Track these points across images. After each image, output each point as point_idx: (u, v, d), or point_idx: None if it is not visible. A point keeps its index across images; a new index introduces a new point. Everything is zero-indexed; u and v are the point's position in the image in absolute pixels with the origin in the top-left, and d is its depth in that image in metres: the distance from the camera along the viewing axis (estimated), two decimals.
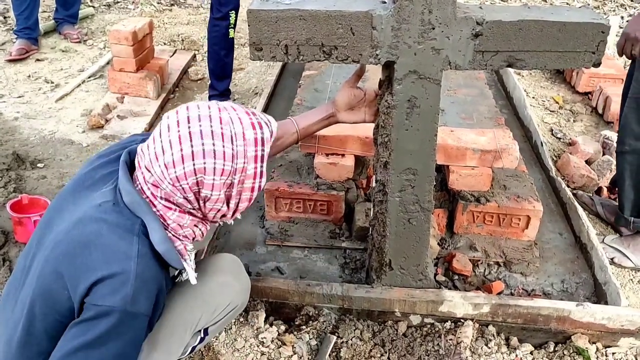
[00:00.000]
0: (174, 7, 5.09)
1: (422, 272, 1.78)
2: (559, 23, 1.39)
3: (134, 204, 1.21)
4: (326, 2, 1.45)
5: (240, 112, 1.23)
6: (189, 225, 1.27)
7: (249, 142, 1.21)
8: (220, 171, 1.18)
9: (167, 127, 1.17)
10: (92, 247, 1.16)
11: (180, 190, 1.19)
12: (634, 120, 2.11)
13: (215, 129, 1.17)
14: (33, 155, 2.86)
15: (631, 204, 2.22)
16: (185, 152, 1.15)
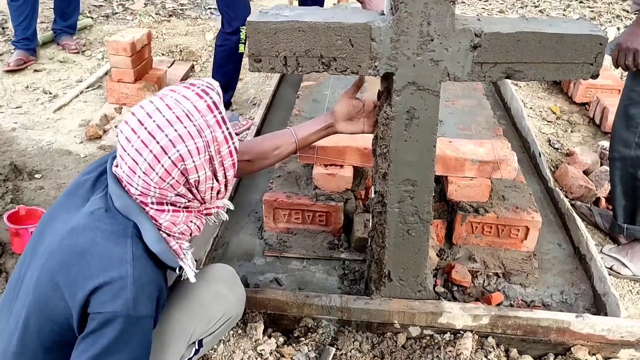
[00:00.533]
0: (172, 18, 5.11)
1: (421, 283, 1.78)
2: (557, 35, 1.40)
3: (126, 207, 1.20)
4: (325, 14, 1.46)
5: (181, 90, 1.22)
6: (184, 221, 1.26)
7: (204, 111, 1.19)
8: (196, 150, 1.16)
9: (127, 139, 1.16)
10: (87, 255, 1.15)
11: (170, 188, 1.18)
12: (622, 127, 2.13)
13: (168, 116, 1.15)
14: (31, 166, 2.86)
15: (623, 210, 2.22)
16: (156, 151, 1.14)
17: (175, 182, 1.17)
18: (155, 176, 1.15)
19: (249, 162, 1.66)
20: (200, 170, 1.18)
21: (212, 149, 1.19)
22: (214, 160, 1.21)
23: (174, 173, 1.16)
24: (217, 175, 1.24)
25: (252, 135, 2.82)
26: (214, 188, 1.25)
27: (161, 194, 1.19)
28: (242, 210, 2.38)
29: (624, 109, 2.11)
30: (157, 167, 1.14)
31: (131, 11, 5.28)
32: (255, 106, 3.61)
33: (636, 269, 2.21)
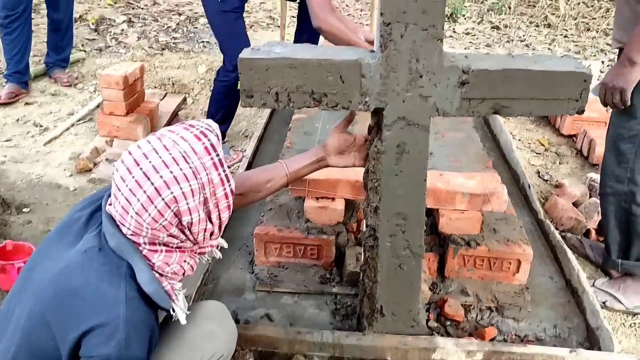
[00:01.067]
0: (165, 51, 5.16)
1: (414, 318, 1.76)
2: (543, 72, 1.43)
3: (120, 246, 1.19)
4: (316, 50, 1.48)
5: (179, 131, 1.22)
6: (177, 261, 1.25)
7: (201, 153, 1.19)
8: (190, 193, 1.16)
9: (121, 178, 1.16)
10: (80, 295, 1.14)
11: (162, 229, 1.17)
12: (613, 162, 2.15)
13: (165, 158, 1.15)
14: (19, 200, 2.84)
15: (617, 245, 2.23)
16: (150, 192, 1.14)
17: (168, 223, 1.17)
18: (148, 217, 1.15)
19: (241, 196, 1.66)
20: (194, 212, 1.18)
21: (207, 191, 1.19)
22: (208, 202, 1.21)
23: (166, 215, 1.15)
24: (211, 217, 1.23)
25: (244, 168, 2.83)
26: (207, 229, 1.25)
27: (153, 235, 1.18)
28: (233, 244, 2.36)
29: (613, 145, 2.13)
30: (150, 208, 1.14)
31: (124, 44, 5.32)
32: (247, 138, 3.63)
33: (629, 303, 2.21)
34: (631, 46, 1.89)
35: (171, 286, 1.27)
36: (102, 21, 5.93)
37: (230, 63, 3.05)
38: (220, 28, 3.05)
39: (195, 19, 6.20)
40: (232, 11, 2.96)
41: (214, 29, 3.11)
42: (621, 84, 1.94)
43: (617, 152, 2.12)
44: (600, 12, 6.50)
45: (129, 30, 5.75)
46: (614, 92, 1.97)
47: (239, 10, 3.00)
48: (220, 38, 3.11)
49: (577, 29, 6.20)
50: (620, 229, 2.20)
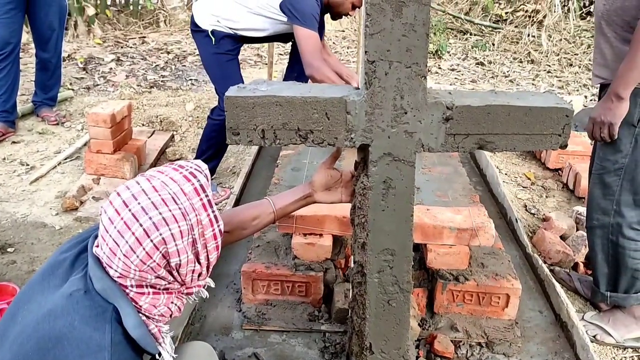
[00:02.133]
0: (153, 89, 5.19)
1: (403, 355, 1.74)
2: (525, 107, 1.45)
3: (106, 290, 1.17)
4: (301, 88, 1.50)
5: (169, 172, 1.22)
6: (164, 303, 1.23)
7: (190, 194, 1.18)
8: (179, 234, 1.15)
9: (109, 220, 1.15)
10: (64, 340, 1.10)
11: (150, 271, 1.16)
12: (599, 196, 2.16)
13: (154, 199, 1.15)
14: (4, 240, 2.80)
15: (605, 278, 2.23)
16: (138, 233, 1.12)
17: (156, 265, 1.15)
18: (136, 259, 1.13)
19: (227, 233, 1.64)
20: (182, 254, 1.17)
21: (196, 232, 1.18)
22: (197, 243, 1.20)
23: (155, 256, 1.14)
24: (199, 258, 1.22)
25: (232, 205, 2.82)
26: (195, 271, 1.23)
27: (141, 277, 1.16)
28: (220, 282, 2.34)
29: (599, 178, 2.15)
30: (139, 250, 1.13)
31: (112, 83, 5.36)
32: (234, 175, 3.62)
33: (619, 336, 2.20)
34: (617, 82, 1.94)
35: (158, 329, 1.24)
36: (90, 60, 5.98)
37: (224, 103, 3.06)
38: (215, 70, 3.07)
39: (184, 57, 6.27)
40: (226, 53, 2.99)
41: (208, 71, 3.14)
42: (609, 118, 1.97)
43: (603, 185, 2.14)
44: (582, 48, 6.67)
45: (117, 68, 5.80)
46: (602, 126, 2.00)
47: (233, 52, 3.03)
48: (214, 80, 3.13)
49: (559, 64, 6.35)
50: (608, 262, 2.20)
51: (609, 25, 2.02)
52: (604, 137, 2.02)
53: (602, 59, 2.08)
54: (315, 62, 2.74)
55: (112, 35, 6.95)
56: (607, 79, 2.05)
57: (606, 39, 2.05)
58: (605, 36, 2.05)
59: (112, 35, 6.95)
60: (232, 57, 3.05)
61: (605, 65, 2.06)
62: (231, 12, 2.91)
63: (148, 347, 1.19)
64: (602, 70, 2.09)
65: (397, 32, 1.36)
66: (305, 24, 2.73)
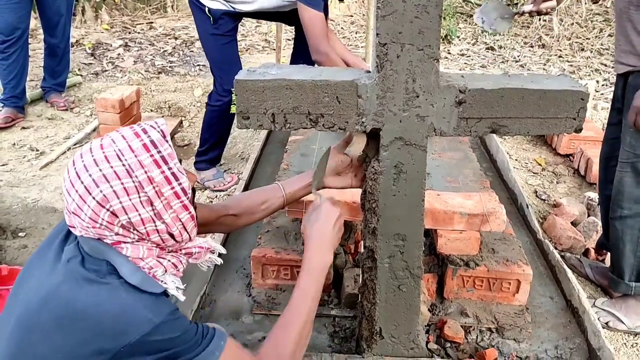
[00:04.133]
0: (161, 75, 5.18)
1: (413, 340, 1.74)
2: (539, 91, 1.43)
3: (93, 248, 1.17)
4: (312, 72, 1.48)
5: (123, 130, 1.20)
6: (149, 255, 1.21)
7: (138, 150, 1.15)
8: (123, 191, 1.12)
9: (64, 180, 1.16)
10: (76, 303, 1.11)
11: (105, 229, 1.14)
12: (632, 184, 2.11)
13: (97, 156, 1.13)
14: (15, 224, 2.81)
15: (631, 268, 2.19)
16: (80, 190, 1.12)
17: (108, 222, 1.13)
18: (85, 216, 1.13)
19: (236, 217, 1.65)
20: (131, 211, 1.14)
21: (148, 190, 1.14)
22: (154, 202, 1.16)
23: (102, 214, 1.12)
24: (163, 218, 1.18)
25: (241, 190, 2.82)
26: (160, 230, 1.19)
27: (99, 233, 1.15)
28: (230, 267, 2.34)
29: (632, 167, 2.09)
30: (85, 207, 1.12)
31: (121, 69, 5.35)
32: (243, 160, 3.62)
33: (631, 323, 2.19)
34: None
35: (152, 275, 1.21)
36: (98, 46, 5.98)
37: (221, 87, 3.02)
38: (213, 51, 3.03)
39: (191, 42, 6.25)
40: (224, 35, 2.94)
41: (206, 52, 3.10)
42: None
43: (637, 174, 2.08)
44: (594, 33, 6.58)
45: (125, 54, 5.79)
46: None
47: (231, 33, 2.99)
48: (212, 61, 3.10)
49: (571, 49, 6.27)
50: (636, 252, 2.16)
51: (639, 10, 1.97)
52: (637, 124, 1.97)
53: (629, 46, 2.03)
54: (322, 47, 2.69)
55: (119, 21, 6.94)
56: (636, 65, 2.00)
57: (633, 25, 1.99)
58: (633, 22, 1.99)
59: (119, 21, 6.94)
60: (231, 39, 2.99)
61: (633, 52, 2.01)
62: None
63: (151, 288, 1.18)
64: (629, 57, 2.03)
65: (410, 14, 1.34)
66: (310, 3, 2.66)
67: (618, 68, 2.11)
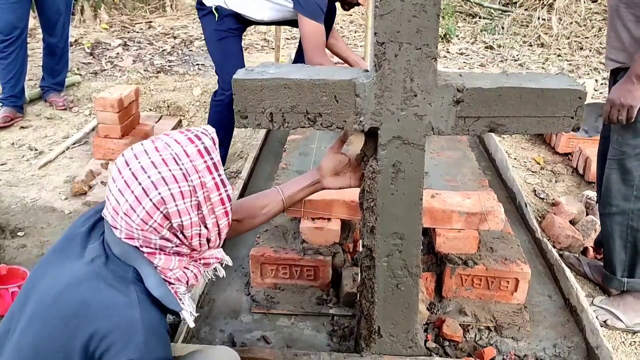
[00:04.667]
0: (160, 74, 5.18)
1: (412, 339, 1.74)
2: (537, 90, 1.43)
3: (124, 253, 1.17)
4: (310, 71, 1.49)
5: (174, 134, 1.21)
6: (178, 266, 1.22)
7: (193, 156, 1.17)
8: (180, 195, 1.14)
9: (112, 179, 1.15)
10: (91, 304, 1.10)
11: (153, 231, 1.15)
12: (619, 181, 2.13)
13: (154, 158, 1.14)
14: (13, 224, 2.81)
15: (623, 264, 2.20)
16: (137, 192, 1.12)
17: (158, 225, 1.14)
18: (137, 218, 1.13)
19: (238, 222, 1.65)
20: (184, 215, 1.16)
21: (200, 195, 1.17)
22: (202, 206, 1.18)
23: (155, 216, 1.13)
24: (206, 223, 1.20)
25: (239, 189, 2.82)
26: (202, 235, 1.21)
27: (145, 237, 1.15)
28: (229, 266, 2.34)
29: (618, 164, 2.11)
30: (139, 209, 1.12)
31: (120, 68, 5.35)
32: (242, 159, 3.62)
33: (629, 321, 2.19)
34: (638, 64, 1.91)
35: (174, 290, 1.23)
36: (97, 45, 5.97)
37: (225, 82, 3.03)
38: (215, 48, 3.04)
39: (190, 41, 6.24)
40: (228, 31, 2.95)
41: (209, 49, 3.11)
42: (629, 101, 1.94)
43: (623, 171, 2.10)
44: (592, 31, 6.58)
45: (124, 53, 5.78)
46: (620, 109, 1.97)
47: (235, 31, 3.00)
48: (214, 59, 3.10)
49: (570, 48, 6.27)
50: (626, 248, 2.17)
51: (629, 8, 1.98)
52: (621, 119, 1.98)
53: (619, 42, 2.04)
54: (317, 59, 2.68)
55: (118, 20, 6.93)
56: (624, 62, 2.02)
57: (623, 22, 2.00)
58: (622, 19, 2.01)
59: (118, 20, 6.93)
60: (234, 36, 3.00)
61: (622, 48, 2.02)
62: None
63: (171, 305, 1.19)
64: (619, 54, 2.04)
65: (407, 13, 1.34)
66: (310, 15, 2.65)
67: (608, 64, 2.12)
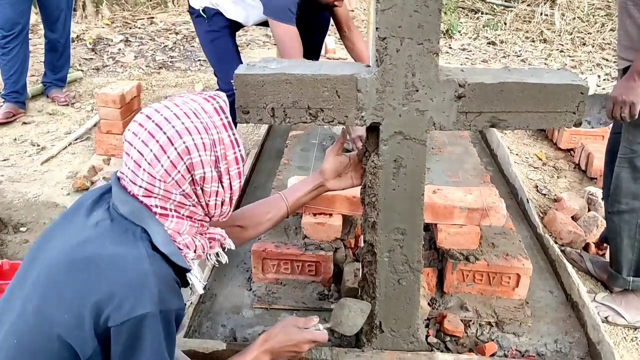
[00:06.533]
0: (162, 70, 5.18)
1: (413, 334, 1.74)
2: (539, 85, 1.43)
3: (133, 212, 1.16)
4: (312, 66, 1.48)
5: (189, 95, 1.23)
6: (188, 232, 1.22)
7: (211, 113, 1.19)
8: (202, 145, 1.15)
9: (133, 134, 1.15)
10: (98, 260, 1.09)
11: (175, 185, 1.15)
12: (629, 179, 2.12)
13: (176, 111, 1.15)
14: (16, 219, 2.82)
15: (630, 263, 2.19)
16: (162, 141, 1.12)
17: (181, 177, 1.14)
18: (161, 169, 1.12)
19: (242, 229, 1.65)
20: (207, 166, 1.16)
21: (218, 150, 1.18)
22: (219, 162, 1.19)
23: (179, 166, 1.13)
24: (222, 181, 1.21)
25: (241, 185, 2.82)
26: (219, 194, 1.21)
27: (166, 192, 1.15)
28: (231, 261, 2.34)
29: (629, 162, 2.10)
30: (163, 159, 1.12)
31: (121, 64, 5.35)
32: None
33: (631, 318, 2.19)
34: (638, 61, 1.90)
35: (184, 254, 1.21)
36: (99, 41, 5.97)
37: (225, 84, 2.98)
38: (210, 50, 3.01)
39: (192, 37, 6.24)
40: (220, 31, 2.91)
41: (205, 52, 3.07)
42: (631, 98, 1.93)
43: (634, 169, 2.10)
44: (595, 27, 6.56)
45: (126, 49, 5.78)
46: (623, 105, 1.96)
47: (226, 29, 2.95)
48: (211, 61, 3.06)
49: (572, 43, 6.26)
50: (634, 247, 2.17)
51: (637, 5, 1.96)
52: (624, 116, 1.98)
53: (629, 41, 2.02)
54: None
55: (120, 16, 6.93)
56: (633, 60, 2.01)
57: (633, 20, 1.99)
58: (632, 17, 1.99)
59: (120, 16, 6.93)
60: (226, 35, 2.96)
61: (631, 46, 2.01)
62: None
63: (180, 261, 1.17)
64: (628, 52, 2.03)
65: (409, 8, 1.34)
66: (278, 18, 2.59)
67: (619, 63, 2.12)
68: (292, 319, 1.57)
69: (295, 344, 1.49)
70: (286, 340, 1.49)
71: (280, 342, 1.48)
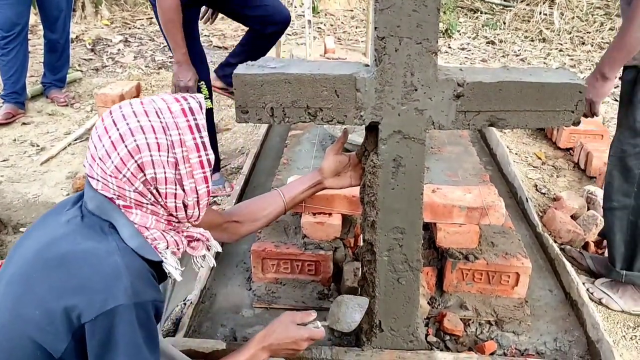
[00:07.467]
0: (161, 70, 5.18)
1: (412, 333, 1.75)
2: (538, 84, 1.43)
3: (100, 206, 1.16)
4: (311, 65, 1.49)
5: (163, 95, 1.21)
6: (156, 227, 1.20)
7: (177, 113, 1.16)
8: (156, 145, 1.13)
9: (95, 128, 1.16)
10: (70, 256, 1.09)
11: (127, 182, 1.13)
12: (620, 178, 2.16)
13: (137, 109, 1.14)
14: (16, 220, 2.82)
15: (622, 257, 2.24)
16: (114, 137, 1.12)
17: (132, 175, 1.13)
18: (111, 165, 1.12)
19: (239, 223, 1.66)
20: (158, 167, 1.14)
21: (178, 152, 1.16)
22: (179, 165, 1.16)
23: (129, 164, 1.12)
24: (183, 184, 1.18)
25: (241, 184, 2.82)
26: (178, 196, 1.18)
27: (119, 187, 1.14)
28: (230, 261, 2.35)
29: (619, 162, 2.15)
30: (113, 155, 1.12)
31: (121, 64, 5.35)
32: (243, 155, 3.62)
33: (625, 306, 2.22)
34: (604, 61, 1.95)
35: (154, 246, 1.19)
36: (98, 41, 5.97)
37: None
38: None
39: None
40: None
41: None
42: (591, 96, 1.99)
43: (624, 168, 2.14)
44: (594, 26, 6.56)
45: (126, 49, 5.78)
46: (591, 104, 2.02)
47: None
48: None
49: (572, 43, 6.26)
50: (626, 242, 2.21)
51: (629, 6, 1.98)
52: (585, 113, 2.01)
53: None
54: (170, 36, 2.55)
55: (119, 17, 6.93)
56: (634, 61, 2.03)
57: None
58: None
59: (119, 17, 6.93)
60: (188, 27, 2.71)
61: None
62: None
63: (148, 255, 1.16)
64: None
65: (408, 7, 1.34)
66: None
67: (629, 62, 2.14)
68: (289, 314, 1.57)
69: (293, 341, 1.50)
70: (284, 337, 1.49)
71: (278, 340, 1.49)
